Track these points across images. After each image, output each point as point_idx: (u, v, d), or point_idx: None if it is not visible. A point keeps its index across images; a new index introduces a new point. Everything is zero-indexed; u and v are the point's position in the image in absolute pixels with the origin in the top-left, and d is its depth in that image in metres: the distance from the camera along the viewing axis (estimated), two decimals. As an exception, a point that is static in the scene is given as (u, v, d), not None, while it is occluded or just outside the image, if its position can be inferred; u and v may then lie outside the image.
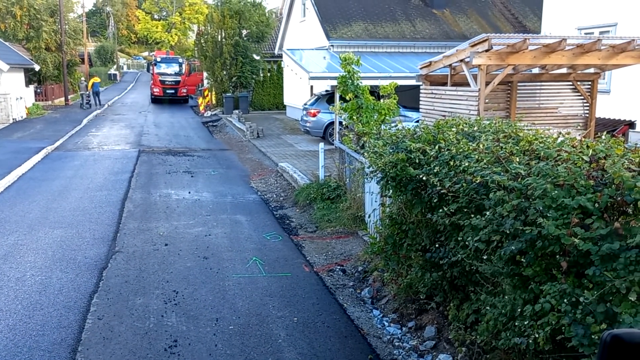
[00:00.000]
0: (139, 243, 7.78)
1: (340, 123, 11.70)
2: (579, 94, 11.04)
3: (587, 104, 11.06)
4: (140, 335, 5.11)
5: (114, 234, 8.16)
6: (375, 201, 7.24)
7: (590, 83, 11.00)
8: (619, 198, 2.82)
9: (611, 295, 2.69)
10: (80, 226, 8.51)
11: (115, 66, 58.53)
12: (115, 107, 31.15)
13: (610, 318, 2.69)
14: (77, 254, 7.27)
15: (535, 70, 11.14)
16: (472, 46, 8.82)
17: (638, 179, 2.75)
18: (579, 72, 10.76)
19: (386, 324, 5.55)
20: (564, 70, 10.84)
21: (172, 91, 34.26)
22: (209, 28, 29.46)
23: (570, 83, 10.98)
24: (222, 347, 4.91)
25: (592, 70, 10.80)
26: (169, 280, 6.42)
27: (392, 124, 6.89)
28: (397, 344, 5.15)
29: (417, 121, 10.99)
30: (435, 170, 4.31)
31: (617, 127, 12.08)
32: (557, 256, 3.01)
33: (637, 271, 2.55)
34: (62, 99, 31.09)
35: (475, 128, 4.93)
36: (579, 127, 10.30)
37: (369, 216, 7.79)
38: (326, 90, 18.06)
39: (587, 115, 11.09)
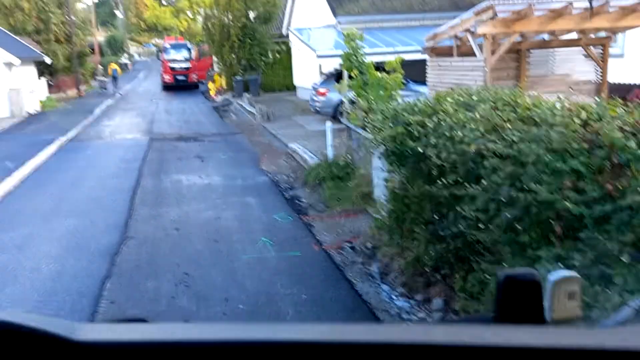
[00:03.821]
0: (150, 229, 7.88)
1: (350, 101, 11.64)
2: (591, 59, 10.81)
3: (599, 69, 10.82)
4: (151, 318, 5.20)
5: (125, 220, 8.28)
6: (380, 177, 7.22)
7: (602, 47, 10.75)
8: (612, 160, 2.78)
9: (605, 257, 2.66)
10: (93, 214, 8.64)
11: (126, 55, 58.76)
12: (127, 97, 31.33)
13: (605, 279, 2.67)
14: (90, 241, 7.40)
15: (545, 37, 10.91)
16: (477, 14, 8.68)
17: (630, 140, 2.70)
18: (590, 36, 10.52)
19: (394, 297, 5.57)
20: (574, 35, 10.60)
21: (183, 77, 34.28)
22: (215, 11, 29.29)
23: (581, 48, 10.74)
24: (231, 326, 4.98)
25: (602, 34, 10.54)
26: (179, 264, 6.51)
27: (399, 99, 6.84)
28: (405, 317, 5.17)
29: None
30: (433, 142, 4.28)
31: (631, 91, 11.81)
32: (552, 221, 2.98)
33: (629, 232, 2.52)
34: (75, 90, 31.36)
35: (475, 98, 4.86)
36: (590, 94, 10.10)
37: (377, 193, 7.78)
38: (335, 69, 17.91)
39: (600, 80, 10.86)
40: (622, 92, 11.70)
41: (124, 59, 53.55)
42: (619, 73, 11.92)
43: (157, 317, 5.23)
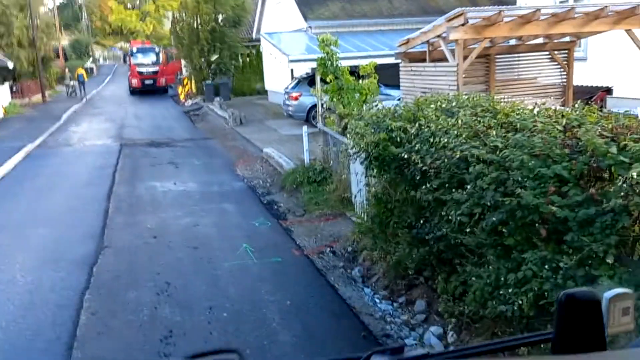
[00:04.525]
0: (127, 237, 7.78)
1: (323, 105, 11.71)
2: (556, 63, 11.15)
3: (565, 73, 11.18)
4: (135, 328, 5.16)
5: (101, 229, 8.15)
6: (361, 182, 7.30)
7: (566, 51, 11.11)
8: (594, 165, 2.90)
9: (589, 259, 2.78)
10: (67, 224, 8.48)
11: (91, 59, 57.61)
12: (94, 101, 30.75)
13: (590, 281, 2.79)
14: (65, 251, 7.26)
15: (513, 42, 11.20)
16: (449, 21, 8.85)
17: (611, 145, 2.83)
18: (555, 41, 10.85)
19: (377, 301, 5.65)
20: (540, 41, 10.92)
21: (151, 82, 33.81)
22: (183, 15, 29.03)
23: (547, 53, 11.08)
24: (217, 334, 4.97)
25: (567, 38, 10.89)
26: (160, 272, 6.46)
27: (374, 104, 6.94)
28: (389, 319, 5.25)
29: (399, 99, 11.04)
30: (416, 148, 4.37)
31: (595, 94, 12.23)
32: (537, 224, 3.10)
33: (613, 234, 2.65)
34: (39, 95, 30.60)
35: (454, 104, 4.99)
36: (556, 97, 10.43)
37: (355, 197, 7.86)
38: (307, 73, 17.99)
39: (565, 83, 11.22)
40: (586, 94, 12.10)
41: (89, 63, 52.47)
42: (582, 76, 12.33)
43: (140, 328, 5.18)
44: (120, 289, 6.04)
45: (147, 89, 33.54)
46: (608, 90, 12.33)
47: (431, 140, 4.27)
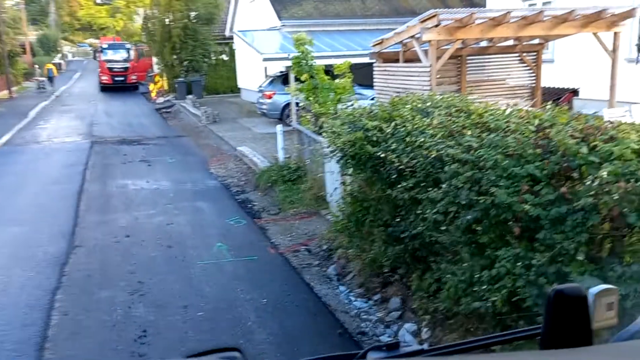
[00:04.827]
0: (99, 236, 7.66)
1: (297, 104, 11.72)
2: (525, 64, 11.40)
3: (533, 74, 11.43)
4: (108, 328, 5.10)
5: (72, 228, 8.01)
6: (336, 180, 7.34)
7: (535, 53, 11.36)
8: (565, 164, 3.00)
9: (561, 256, 2.87)
10: (37, 222, 8.30)
11: (59, 55, 56.29)
12: (62, 98, 30.06)
13: (561, 277, 2.88)
14: (36, 250, 7.11)
15: (484, 44, 11.40)
16: (422, 22, 8.95)
17: (582, 145, 2.93)
18: (524, 43, 11.09)
19: (353, 298, 5.70)
20: (510, 42, 11.14)
21: (122, 78, 33.27)
22: (155, 11, 28.63)
23: (517, 54, 11.31)
24: (193, 334, 4.95)
25: (536, 41, 11.14)
26: (133, 272, 6.38)
27: (349, 103, 6.99)
28: (364, 317, 5.30)
29: (372, 99, 11.12)
30: (392, 147, 4.43)
31: (562, 95, 12.55)
32: (510, 223, 3.18)
33: (584, 232, 2.74)
34: (6, 91, 29.78)
35: (429, 104, 5.06)
36: (525, 98, 10.66)
37: (331, 195, 7.89)
38: (281, 72, 17.94)
39: (534, 85, 11.47)
40: (554, 95, 12.42)
41: (57, 59, 51.25)
42: (550, 78, 12.63)
43: (113, 327, 5.12)
44: (93, 289, 5.96)
45: (118, 86, 32.98)
46: (575, 92, 12.67)
47: (407, 139, 4.33)
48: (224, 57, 28.87)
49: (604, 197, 2.71)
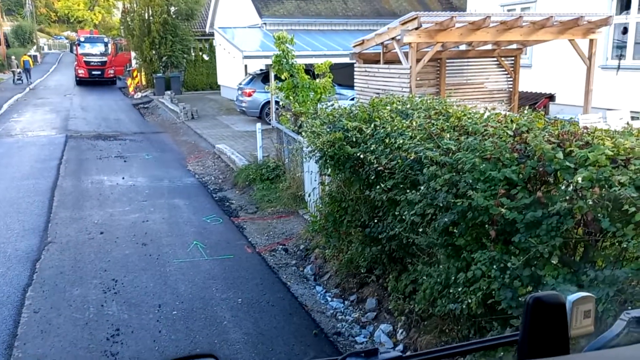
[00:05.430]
0: (72, 232, 7.52)
1: (277, 103, 11.67)
2: (503, 69, 11.54)
3: (511, 79, 11.57)
4: (80, 327, 5.00)
5: (45, 224, 7.85)
6: (315, 180, 7.33)
7: (513, 58, 11.51)
8: (541, 169, 3.03)
9: (535, 260, 2.91)
10: (8, 217, 8.11)
11: (35, 47, 55.19)
12: (37, 91, 29.47)
13: (535, 281, 2.91)
14: (6, 246, 6.95)
15: (463, 47, 11.51)
16: (403, 24, 8.99)
17: (557, 151, 2.97)
18: (503, 48, 11.23)
19: (329, 299, 5.70)
20: (489, 47, 11.27)
21: (99, 72, 32.74)
22: (135, 5, 28.25)
23: (495, 59, 11.44)
24: (167, 333, 4.89)
25: (514, 46, 11.29)
26: (107, 269, 6.28)
27: (329, 103, 6.98)
28: (340, 317, 5.30)
29: (352, 99, 11.15)
30: (371, 148, 4.44)
31: (539, 100, 12.73)
32: (487, 226, 3.21)
33: (558, 236, 2.78)
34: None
35: (408, 106, 5.08)
36: (502, 102, 10.79)
37: (309, 195, 7.88)
38: (261, 70, 17.87)
39: (511, 89, 11.62)
40: (531, 100, 12.60)
41: (33, 51, 50.23)
42: (528, 82, 12.82)
43: (85, 326, 5.02)
44: (65, 286, 5.84)
45: (95, 80, 32.46)
46: (551, 97, 12.87)
47: (386, 141, 4.34)
48: (205, 57, 28.66)
49: (579, 202, 2.75)
